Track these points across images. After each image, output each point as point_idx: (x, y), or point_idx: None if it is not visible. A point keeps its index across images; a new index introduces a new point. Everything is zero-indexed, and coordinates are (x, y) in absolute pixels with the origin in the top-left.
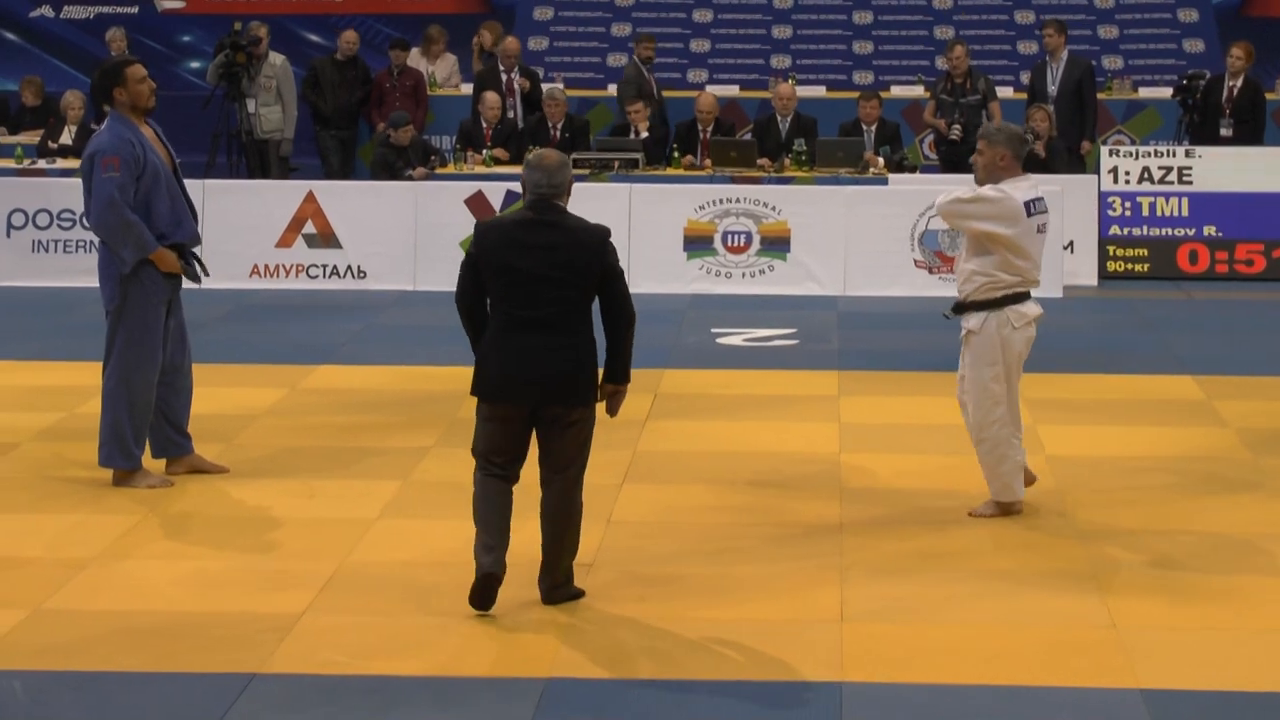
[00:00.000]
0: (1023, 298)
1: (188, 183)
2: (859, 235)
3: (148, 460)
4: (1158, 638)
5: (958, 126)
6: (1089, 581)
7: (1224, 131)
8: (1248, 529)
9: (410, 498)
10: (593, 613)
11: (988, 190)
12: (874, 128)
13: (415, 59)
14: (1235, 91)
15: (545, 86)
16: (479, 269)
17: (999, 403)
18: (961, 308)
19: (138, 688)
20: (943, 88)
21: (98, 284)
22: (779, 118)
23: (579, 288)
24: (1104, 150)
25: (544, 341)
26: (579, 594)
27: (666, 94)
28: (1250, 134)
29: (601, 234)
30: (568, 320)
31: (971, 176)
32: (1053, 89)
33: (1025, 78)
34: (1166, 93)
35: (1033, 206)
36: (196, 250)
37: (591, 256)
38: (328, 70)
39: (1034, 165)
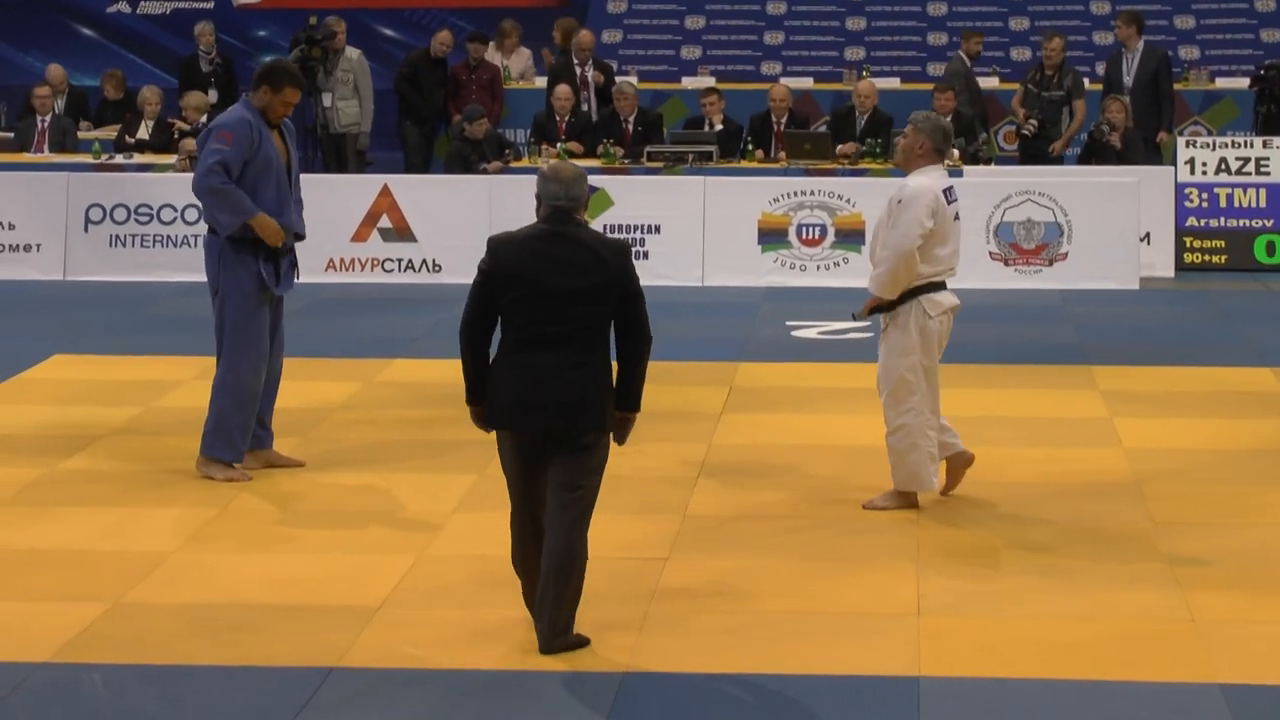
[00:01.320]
0: (939, 287)
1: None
2: None
3: None
4: (1237, 631)
5: (1033, 121)
6: (1166, 574)
7: None
8: None
9: (486, 491)
10: (668, 606)
11: (910, 192)
12: (948, 119)
13: (491, 53)
14: None
15: (617, 80)
16: (493, 286)
17: (913, 392)
18: (875, 310)
19: (216, 681)
20: (1031, 78)
21: (180, 277)
22: (857, 113)
23: (601, 303)
24: (1180, 141)
25: (560, 360)
26: (583, 642)
27: (737, 86)
28: None
29: (623, 248)
30: (586, 338)
31: (1041, 168)
32: (1128, 80)
33: (1101, 68)
34: (1244, 83)
35: (948, 194)
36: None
37: (613, 272)
38: (425, 67)
39: (1110, 156)
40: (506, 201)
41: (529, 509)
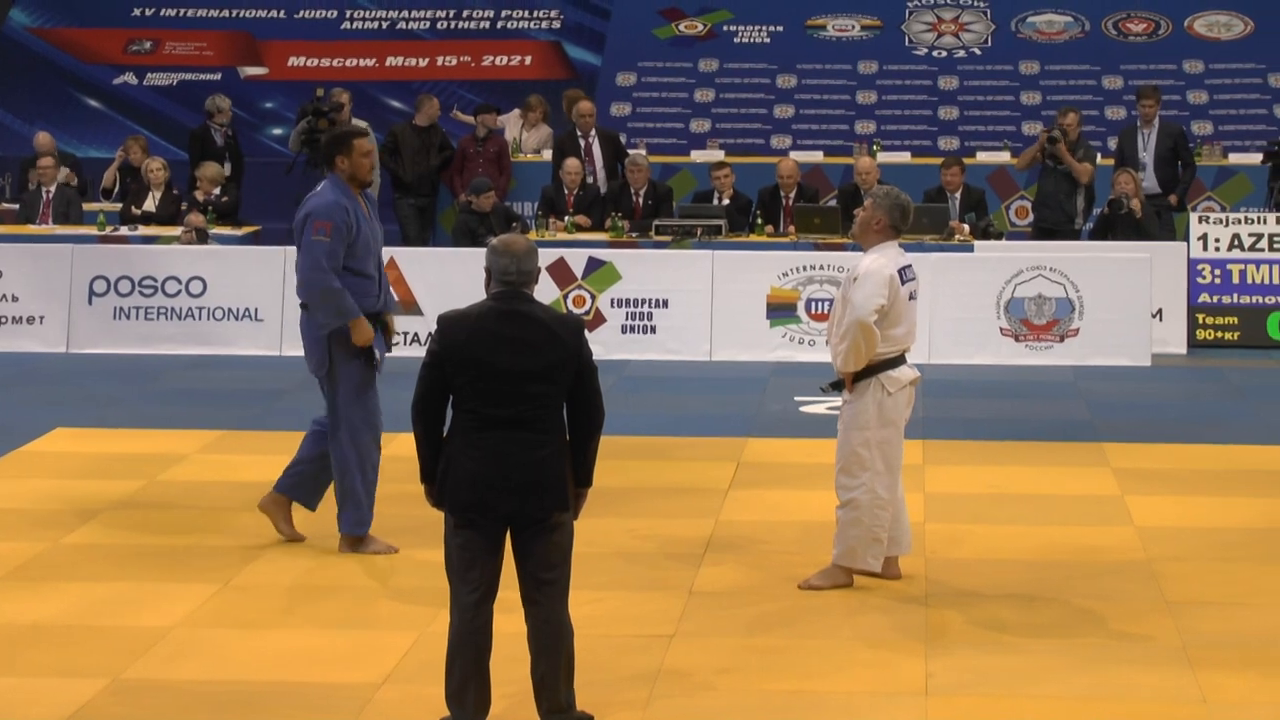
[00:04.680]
0: (897, 363)
1: (279, 250)
2: (944, 302)
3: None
4: (1249, 714)
5: (1055, 132)
6: (1179, 655)
7: None
8: None
9: None
10: (674, 685)
11: (865, 270)
12: (959, 194)
13: (514, 123)
14: None
15: (629, 152)
16: (444, 367)
17: (866, 468)
18: (840, 384)
19: None
20: (1048, 151)
21: (185, 350)
22: (861, 190)
23: (556, 383)
24: (1193, 217)
25: (519, 441)
26: (586, 719)
27: (747, 160)
28: None
29: (577, 325)
30: (543, 417)
31: (1053, 243)
32: (1144, 155)
33: (1113, 143)
34: (1257, 159)
35: (904, 275)
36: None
37: (568, 350)
38: (407, 136)
39: (1128, 228)
40: None
41: (486, 603)
